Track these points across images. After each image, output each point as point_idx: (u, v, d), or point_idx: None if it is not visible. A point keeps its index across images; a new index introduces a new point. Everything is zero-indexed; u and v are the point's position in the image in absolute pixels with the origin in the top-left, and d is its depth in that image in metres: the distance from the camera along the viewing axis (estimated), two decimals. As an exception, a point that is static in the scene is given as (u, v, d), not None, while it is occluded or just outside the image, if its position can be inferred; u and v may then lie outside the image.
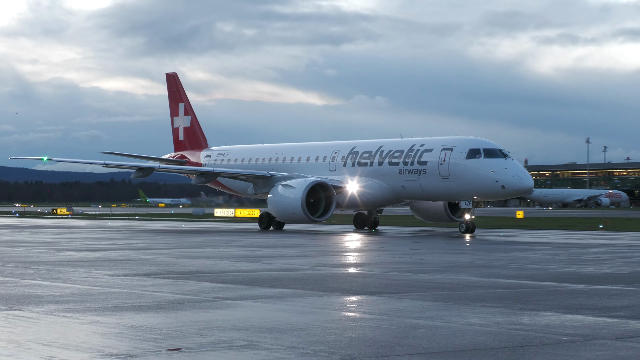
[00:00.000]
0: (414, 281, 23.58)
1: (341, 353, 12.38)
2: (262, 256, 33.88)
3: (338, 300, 19.04)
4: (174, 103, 75.62)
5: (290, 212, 56.36)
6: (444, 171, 52.13)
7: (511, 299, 19.23)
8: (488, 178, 50.28)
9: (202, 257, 33.15)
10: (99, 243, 44.80)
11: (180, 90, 75.36)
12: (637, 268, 28.53)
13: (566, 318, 16.24)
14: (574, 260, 32.30)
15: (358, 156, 59.36)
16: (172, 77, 76.16)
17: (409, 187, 55.26)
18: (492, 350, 12.69)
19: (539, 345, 13.19)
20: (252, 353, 12.40)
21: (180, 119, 74.34)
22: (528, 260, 31.92)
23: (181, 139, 74.20)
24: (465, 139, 54.09)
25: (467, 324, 15.39)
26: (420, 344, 13.28)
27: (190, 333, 14.20)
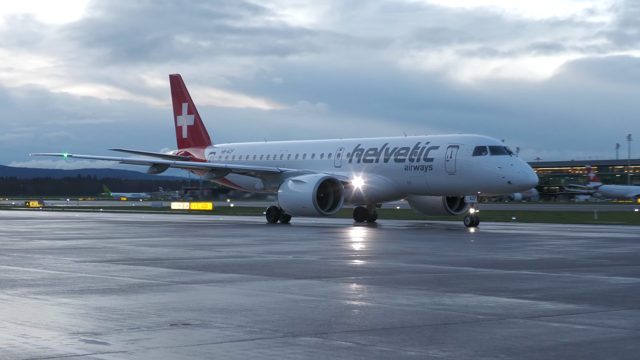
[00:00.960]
0: (349, 267, 23.66)
1: (284, 331, 12.44)
2: (213, 245, 33.84)
3: (281, 284, 19.07)
4: (177, 103, 72.02)
5: (301, 206, 53.28)
6: (451, 167, 49.58)
7: (435, 282, 19.36)
8: (495, 174, 47.88)
9: (159, 245, 33.08)
10: (67, 233, 44.48)
11: (183, 90, 71.85)
12: (545, 255, 28.80)
13: (483, 299, 16.39)
14: (490, 248, 32.55)
15: (363, 153, 56.23)
16: (175, 79, 72.34)
17: (415, 183, 52.40)
18: (417, 328, 12.79)
19: (458, 324, 13.31)
20: (204, 331, 12.43)
21: (183, 118, 70.97)
22: (450, 248, 32.13)
23: (184, 136, 70.86)
24: (471, 137, 51.07)
25: (396, 305, 15.48)
26: (355, 322, 13.36)
27: (149, 313, 14.19)
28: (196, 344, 11.33)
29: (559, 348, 11.17)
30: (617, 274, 21.58)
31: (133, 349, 10.94)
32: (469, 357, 10.50)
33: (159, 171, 63.01)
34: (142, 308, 14.88)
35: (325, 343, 11.49)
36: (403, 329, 12.65)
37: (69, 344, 11.27)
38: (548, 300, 16.34)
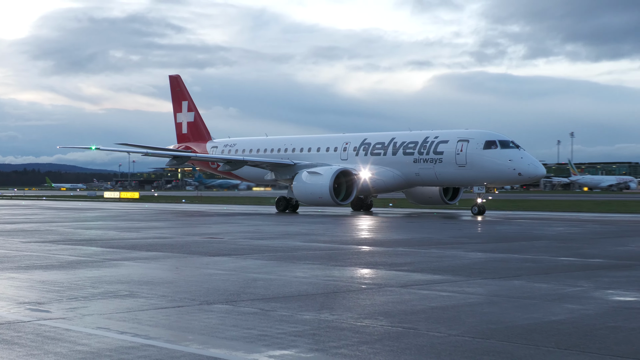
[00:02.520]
0: (255, 245, 23.65)
1: (200, 300, 12.41)
2: (140, 227, 33.51)
3: (197, 260, 18.99)
4: (177, 101, 65.95)
5: (317, 197, 48.33)
6: (461, 160, 45.41)
7: (326, 258, 19.47)
8: (505, 166, 44.07)
9: (93, 228, 32.66)
10: (14, 217, 43.56)
11: (183, 89, 65.72)
12: (417, 235, 29.16)
13: (366, 271, 16.54)
14: (372, 229, 32.84)
15: (370, 147, 51.07)
16: (175, 79, 66.30)
17: (423, 174, 48.01)
18: (312, 296, 12.86)
19: (345, 292, 13.42)
20: (132, 300, 12.34)
21: (183, 115, 65.15)
22: (339, 230, 32.33)
23: (184, 132, 65.27)
24: (480, 132, 46.86)
25: (294, 277, 15.52)
26: (260, 292, 13.38)
27: (85, 286, 14.04)
28: (125, 311, 11.24)
29: (427, 311, 11.35)
30: (474, 250, 21.97)
31: (72, 315, 10.83)
32: (354, 320, 10.60)
33: (178, 163, 59.81)
34: (79, 281, 14.71)
35: (234, 309, 11.50)
36: (300, 297, 12.72)
37: (16, 312, 11.11)
38: (418, 272, 16.56)
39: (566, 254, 21.31)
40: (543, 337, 9.46)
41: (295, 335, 9.54)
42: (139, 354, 8.45)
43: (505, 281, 15.03)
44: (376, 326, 10.16)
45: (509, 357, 8.42)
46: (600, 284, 14.61)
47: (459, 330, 9.86)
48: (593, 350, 8.72)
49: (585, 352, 8.63)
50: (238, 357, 8.32)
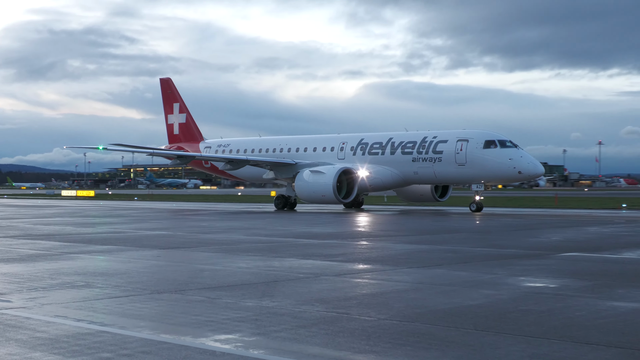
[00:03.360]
0: (202, 239, 23.50)
1: (151, 289, 12.29)
2: (95, 223, 33.06)
3: (149, 253, 18.80)
4: (168, 103, 62.41)
5: (320, 195, 45.65)
6: (461, 159, 43.10)
7: (267, 250, 19.44)
8: (506, 165, 41.93)
9: (52, 224, 32.11)
10: (-23, 215, 42.69)
11: (174, 92, 62.21)
12: (349, 228, 29.27)
13: (303, 262, 16.54)
14: (307, 223, 32.86)
15: (368, 146, 48.36)
16: (166, 82, 62.84)
17: (422, 173, 45.48)
18: (254, 284, 12.82)
19: (285, 281, 13.41)
20: (89, 290, 12.18)
21: (174, 117, 61.76)
22: (277, 224, 32.29)
23: (176, 133, 61.77)
24: (479, 132, 44.47)
25: (238, 267, 15.46)
26: (206, 281, 13.30)
27: (44, 277, 13.80)
28: (82, 301, 11.08)
29: (359, 298, 11.39)
30: (401, 242, 22.12)
31: (31, 305, 10.65)
32: (293, 306, 10.59)
33: (182, 163, 56.19)
34: (39, 273, 14.45)
35: (183, 297, 11.41)
36: (243, 286, 12.67)
37: (-21, 302, 10.88)
38: (351, 262, 16.62)
39: (483, 245, 21.58)
40: (462, 319, 9.56)
41: (238, 320, 9.50)
42: (95, 339, 8.34)
43: (429, 270, 15.16)
44: (312, 312, 10.16)
45: (432, 338, 8.49)
46: (513, 271, 14.82)
47: (388, 315, 9.91)
48: (507, 332, 8.83)
49: (500, 333, 8.74)
50: (186, 342, 8.26)
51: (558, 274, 14.33)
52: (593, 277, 13.82)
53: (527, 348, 7.98)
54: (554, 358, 7.53)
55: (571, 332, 8.79)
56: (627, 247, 20.38)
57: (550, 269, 15.34)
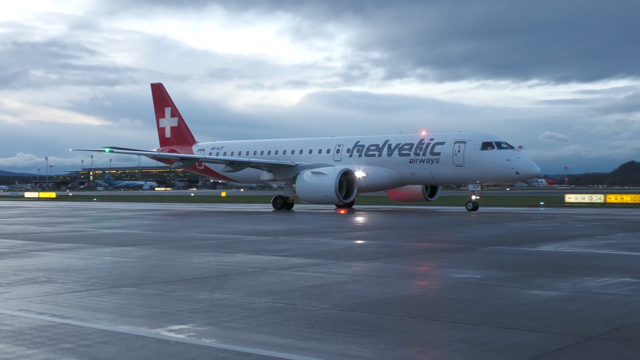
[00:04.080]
0: (159, 237, 23.28)
1: (110, 284, 12.14)
2: (56, 223, 32.50)
3: (108, 250, 18.56)
4: (159, 107, 59.46)
5: (322, 195, 43.67)
6: (459, 160, 41.39)
7: (218, 247, 19.33)
8: (503, 166, 40.18)
9: (15, 224, 31.47)
10: (-57, 216, 41.64)
11: (166, 96, 59.30)
12: (294, 226, 29.25)
13: (251, 257, 16.49)
14: (253, 221, 32.75)
15: (364, 148, 46.23)
16: (157, 87, 59.60)
17: (419, 174, 43.59)
18: (206, 278, 12.74)
19: (234, 274, 13.35)
20: (50, 285, 11.97)
21: (166, 120, 58.79)
22: (227, 222, 32.13)
23: (167, 136, 58.78)
24: (475, 133, 42.61)
25: (191, 263, 15.35)
26: (162, 276, 13.18)
27: (8, 274, 13.53)
28: (44, 295, 10.89)
29: (303, 289, 11.40)
30: (341, 238, 22.19)
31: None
32: (242, 297, 10.56)
33: (184, 165, 52.86)
34: (3, 270, 14.16)
35: (140, 291, 11.30)
36: (195, 280, 12.59)
37: (-55, 298, 10.62)
38: (295, 256, 16.62)
39: (416, 239, 21.76)
40: (397, 308, 9.63)
41: (192, 312, 9.44)
42: (56, 331, 8.21)
43: (366, 263, 15.23)
44: (260, 303, 10.14)
45: (369, 325, 8.54)
46: (443, 263, 14.98)
47: (329, 305, 9.94)
48: (438, 318, 8.93)
49: (431, 320, 8.83)
50: (143, 332, 8.18)
51: (483, 266, 14.53)
52: (514, 268, 14.04)
53: (456, 333, 8.07)
54: (479, 342, 7.64)
55: (495, 318, 8.92)
56: (545, 241, 20.75)
57: (476, 261, 15.55)
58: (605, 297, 10.53)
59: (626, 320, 8.76)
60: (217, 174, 54.12)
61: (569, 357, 7.01)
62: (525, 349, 7.30)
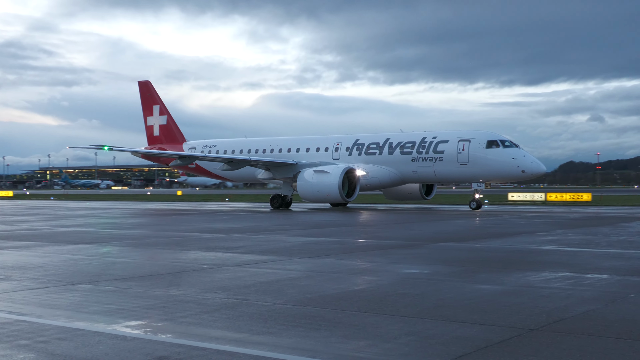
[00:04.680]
0: (114, 235, 22.99)
1: (67, 281, 11.95)
2: (14, 221, 31.90)
3: (64, 248, 18.26)
4: (147, 105, 56.57)
5: (325, 194, 41.72)
6: (463, 159, 39.96)
7: (174, 244, 19.17)
8: (509, 164, 38.82)
9: (-28, 222, 30.85)
10: None
11: (154, 94, 56.39)
12: (248, 224, 29.15)
13: (206, 254, 16.38)
14: (207, 220, 32.57)
15: (364, 147, 44.47)
16: (144, 84, 56.79)
17: (421, 172, 42.05)
18: (162, 275, 12.62)
19: (190, 271, 13.25)
20: (7, 283, 11.73)
21: (154, 118, 56.10)
22: (182, 220, 31.89)
23: (156, 134, 56.14)
24: (480, 132, 41.09)
25: (147, 260, 15.19)
26: (118, 273, 13.01)
27: (-35, 272, 13.24)
28: (1, 292, 10.68)
29: (257, 285, 11.36)
30: (294, 235, 22.18)
31: (-48, 298, 10.19)
32: (197, 294, 10.49)
33: (182, 164, 49.46)
34: (-41, 268, 13.84)
35: (96, 288, 11.15)
36: (152, 276, 12.46)
37: None
38: (250, 253, 16.56)
39: (366, 237, 21.86)
40: (348, 303, 9.66)
41: (147, 308, 9.35)
42: (13, 328, 8.06)
43: (319, 259, 15.25)
44: (215, 298, 10.08)
45: (321, 319, 8.55)
46: (392, 260, 15.06)
47: (282, 300, 9.93)
48: (387, 312, 8.97)
49: (381, 314, 8.87)
50: (99, 328, 8.07)
51: (430, 262, 14.65)
52: (460, 264, 14.19)
53: (404, 326, 8.13)
54: (427, 335, 7.70)
55: (442, 311, 9.00)
56: (489, 238, 21.01)
57: (423, 257, 15.67)
58: (546, 291, 10.70)
59: (566, 312, 8.92)
60: (209, 173, 52.26)
61: (511, 348, 7.11)
62: (470, 341, 7.38)
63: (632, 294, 10.35)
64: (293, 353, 6.99)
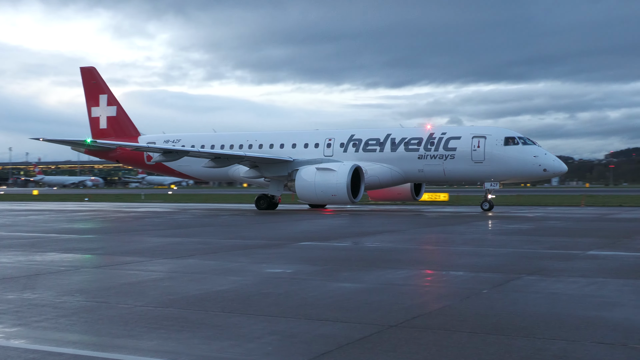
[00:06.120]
0: (-38, 236, 21.79)
1: None
2: None
3: None
4: (92, 95, 50.35)
5: (330, 195, 37.81)
6: (479, 156, 37.01)
7: (29, 245, 18.37)
8: (531, 162, 36.12)
9: None
10: None
11: (100, 82, 50.27)
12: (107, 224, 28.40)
13: (64, 256, 15.81)
14: (66, 220, 31.50)
15: (362, 143, 40.64)
16: (89, 71, 50.59)
17: (429, 171, 38.81)
18: (15, 278, 12.08)
19: (46, 274, 12.75)
20: None
21: (101, 109, 50.01)
22: (39, 221, 30.67)
23: (103, 127, 49.94)
24: (495, 128, 38.44)
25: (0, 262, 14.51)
26: (-33, 277, 12.35)
27: None
28: None
29: (117, 287, 11.09)
30: (157, 236, 21.81)
31: None
32: (53, 297, 10.12)
33: (166, 160, 42.18)
34: None
35: (-57, 293, 10.52)
36: (4, 280, 11.90)
37: None
38: (110, 254, 16.13)
39: (230, 236, 21.79)
40: (212, 303, 9.60)
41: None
42: None
43: (182, 260, 15.07)
44: (73, 302, 9.76)
45: (184, 321, 8.45)
46: (256, 259, 15.09)
47: (144, 302, 9.74)
48: (251, 312, 8.99)
49: (244, 314, 8.88)
50: (-54, 335, 7.62)
51: (294, 261, 14.79)
52: (323, 263, 14.41)
53: (268, 326, 8.16)
54: (290, 334, 7.77)
55: (305, 310, 9.11)
56: (352, 236, 21.43)
57: (287, 256, 15.80)
58: (405, 288, 11.04)
59: (424, 309, 9.24)
60: (171, 170, 47.00)
61: (371, 345, 7.29)
62: (332, 339, 7.51)
63: (485, 289, 10.85)
64: (155, 356, 6.87)
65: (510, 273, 12.70)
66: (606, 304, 9.55)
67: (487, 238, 21.04)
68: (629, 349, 7.10)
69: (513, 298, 10.11)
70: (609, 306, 9.41)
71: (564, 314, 8.87)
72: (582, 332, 7.80)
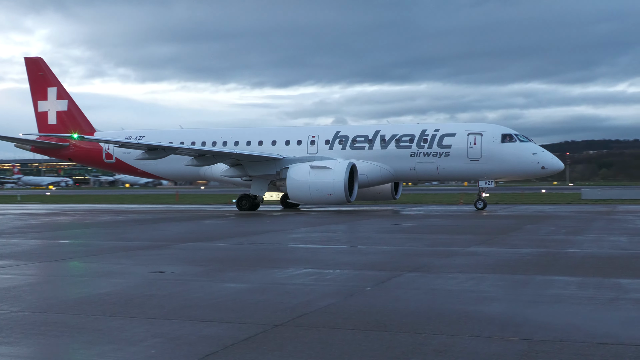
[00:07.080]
0: None
1: None
2: None
3: None
4: (38, 87, 45.64)
5: (326, 194, 35.90)
6: (475, 154, 35.99)
7: None
8: (529, 160, 35.44)
9: None
10: None
11: (48, 74, 45.52)
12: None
13: None
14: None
15: (349, 140, 38.69)
16: (35, 62, 45.78)
17: (421, 169, 37.41)
18: None
19: None
20: None
21: (50, 103, 45.44)
22: None
23: (52, 122, 45.39)
24: (492, 125, 37.42)
25: None
26: None
27: None
28: None
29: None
30: (33, 239, 21.06)
31: None
32: None
33: (151, 157, 37.86)
34: None
35: None
36: None
37: None
38: (-17, 258, 15.47)
39: (112, 238, 21.29)
40: (92, 307, 9.36)
41: None
42: None
43: (61, 263, 14.62)
44: (-58, 309, 9.28)
45: (63, 325, 8.21)
46: (138, 261, 14.82)
47: (20, 307, 9.39)
48: (132, 315, 8.82)
49: (126, 317, 8.70)
50: None
51: (178, 262, 14.61)
52: (208, 263, 14.30)
53: (151, 328, 8.03)
54: (174, 336, 7.67)
55: (189, 312, 9.01)
56: (237, 236, 21.36)
57: (171, 257, 15.59)
58: (290, 287, 11.11)
59: (308, 307, 9.32)
60: (132, 169, 43.46)
61: (257, 344, 7.30)
62: (217, 340, 7.47)
63: (368, 287, 11.06)
64: (32, 362, 6.64)
65: (393, 270, 13.00)
66: (483, 299, 9.93)
67: (371, 237, 21.42)
68: (504, 341, 7.40)
69: (395, 295, 10.35)
70: (486, 300, 9.78)
71: (444, 308, 9.16)
72: (461, 326, 8.08)
